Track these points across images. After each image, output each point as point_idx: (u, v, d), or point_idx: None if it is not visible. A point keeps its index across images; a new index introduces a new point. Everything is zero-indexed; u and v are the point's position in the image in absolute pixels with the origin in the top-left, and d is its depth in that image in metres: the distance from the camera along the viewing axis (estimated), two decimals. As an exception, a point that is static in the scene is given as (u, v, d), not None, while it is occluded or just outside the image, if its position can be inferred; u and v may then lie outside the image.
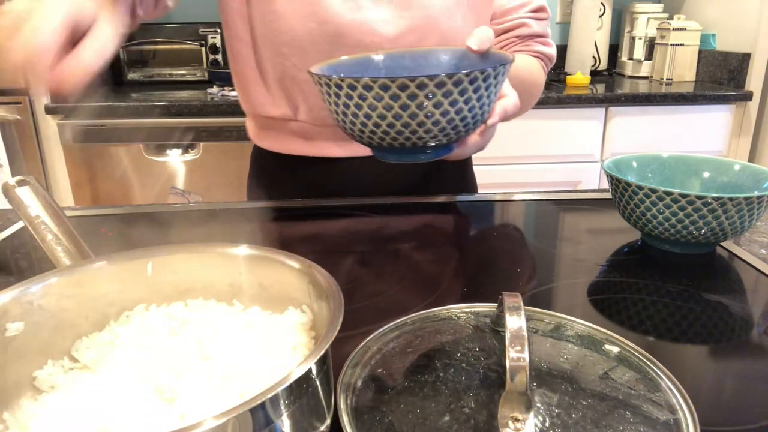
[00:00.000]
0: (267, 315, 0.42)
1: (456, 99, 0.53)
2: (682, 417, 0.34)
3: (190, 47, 2.17)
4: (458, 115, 0.54)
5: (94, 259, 0.41)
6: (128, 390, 0.34)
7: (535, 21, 0.83)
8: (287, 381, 0.28)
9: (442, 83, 0.52)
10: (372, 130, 0.56)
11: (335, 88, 0.55)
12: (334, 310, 0.34)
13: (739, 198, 0.57)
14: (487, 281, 0.60)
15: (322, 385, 0.32)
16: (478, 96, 0.54)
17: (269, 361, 0.36)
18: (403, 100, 0.52)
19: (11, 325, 0.36)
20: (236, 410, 0.26)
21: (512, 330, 0.34)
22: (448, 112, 0.54)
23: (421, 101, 0.52)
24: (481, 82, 0.53)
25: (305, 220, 0.77)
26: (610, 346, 0.41)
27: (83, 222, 0.77)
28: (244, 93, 0.84)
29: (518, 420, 0.31)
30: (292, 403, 0.29)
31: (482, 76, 0.53)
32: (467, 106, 0.54)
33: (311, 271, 0.40)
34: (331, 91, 0.56)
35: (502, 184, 1.85)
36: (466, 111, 0.55)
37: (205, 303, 0.43)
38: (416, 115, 0.53)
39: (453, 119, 0.55)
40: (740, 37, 2.00)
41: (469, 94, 0.54)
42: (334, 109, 0.57)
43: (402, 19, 0.73)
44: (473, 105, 0.55)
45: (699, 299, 0.54)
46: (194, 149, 1.85)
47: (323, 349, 0.30)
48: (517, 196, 0.85)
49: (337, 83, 0.54)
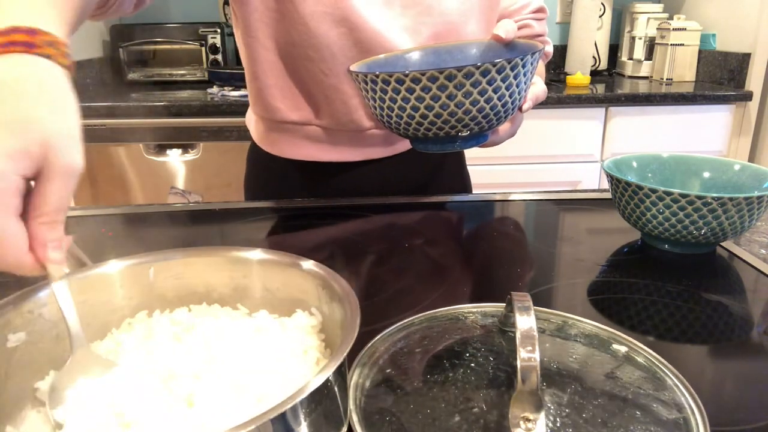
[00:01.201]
0: (275, 318, 0.41)
1: (485, 88, 0.56)
2: (691, 416, 0.34)
3: (190, 47, 2.17)
4: (488, 103, 0.57)
5: (94, 266, 0.41)
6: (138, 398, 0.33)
7: (536, 21, 0.86)
8: (307, 390, 0.28)
9: (470, 73, 0.54)
10: (407, 121, 0.59)
11: (371, 84, 0.59)
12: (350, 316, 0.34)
13: (739, 198, 0.57)
14: (488, 281, 0.60)
15: (340, 391, 0.32)
16: (507, 84, 0.57)
17: (282, 365, 0.35)
18: (434, 91, 0.55)
19: (13, 335, 0.35)
20: (257, 420, 0.26)
21: (522, 330, 0.34)
22: (478, 101, 0.56)
23: (451, 92, 0.55)
24: (509, 71, 0.56)
25: (306, 221, 0.77)
26: (617, 345, 0.41)
27: (83, 222, 0.77)
28: (259, 96, 0.82)
29: (529, 420, 0.31)
30: (312, 411, 0.29)
31: (509, 65, 0.56)
32: (496, 95, 0.57)
33: (322, 274, 0.40)
34: (368, 87, 0.60)
35: (501, 184, 1.85)
36: (496, 99, 0.57)
37: (208, 308, 0.42)
38: (447, 106, 0.56)
39: (483, 108, 0.57)
40: (740, 37, 2.00)
41: (498, 83, 0.56)
42: (372, 104, 0.62)
43: (424, 25, 0.75)
44: (503, 93, 0.57)
45: (699, 299, 0.54)
46: (194, 149, 1.85)
47: (342, 356, 0.30)
48: (517, 196, 0.85)
49: (372, 79, 0.58)
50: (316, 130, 0.82)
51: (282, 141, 0.85)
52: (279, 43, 0.76)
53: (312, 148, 0.83)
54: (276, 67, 0.78)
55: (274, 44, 0.76)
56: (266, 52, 0.77)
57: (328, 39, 0.72)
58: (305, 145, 0.83)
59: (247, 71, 0.82)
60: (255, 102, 0.85)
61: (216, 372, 0.35)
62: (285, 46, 0.75)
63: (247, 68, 0.82)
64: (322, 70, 0.75)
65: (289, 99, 0.80)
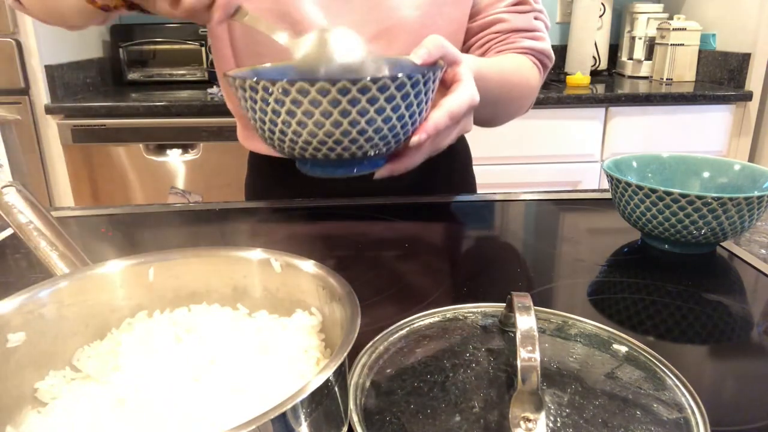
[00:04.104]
0: (275, 318, 0.41)
1: (382, 106, 0.49)
2: (692, 416, 0.34)
3: (190, 47, 2.17)
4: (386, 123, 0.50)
5: (94, 265, 0.41)
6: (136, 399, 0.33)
7: (515, 15, 0.78)
8: (307, 390, 0.28)
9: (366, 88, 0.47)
10: (292, 138, 0.50)
11: (250, 92, 0.50)
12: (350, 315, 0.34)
13: (739, 198, 0.57)
14: (488, 281, 0.60)
15: (340, 391, 0.32)
16: (408, 104, 0.50)
17: (283, 365, 0.35)
18: (325, 106, 0.47)
19: (12, 335, 0.35)
20: (257, 420, 0.26)
21: (523, 330, 0.34)
22: (375, 120, 0.49)
23: (344, 108, 0.48)
24: (410, 89, 0.49)
25: (305, 221, 0.77)
26: (617, 345, 0.41)
27: (83, 222, 0.77)
28: (228, 95, 0.85)
29: (529, 420, 0.31)
30: (313, 411, 0.29)
31: (410, 82, 0.48)
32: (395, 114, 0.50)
33: (322, 274, 0.40)
34: (246, 95, 0.50)
35: (502, 184, 1.85)
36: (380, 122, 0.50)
37: (208, 308, 0.42)
38: (340, 123, 0.48)
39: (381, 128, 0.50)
40: (740, 37, 2.00)
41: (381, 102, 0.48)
42: (252, 116, 0.52)
43: (372, 22, 0.73)
44: (402, 113, 0.50)
45: (699, 299, 0.54)
46: (194, 149, 1.85)
47: (342, 356, 0.30)
48: (517, 196, 0.85)
49: (251, 86, 0.49)
50: None
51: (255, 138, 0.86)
52: (233, 38, 0.77)
53: None
54: (236, 65, 0.79)
55: (229, 40, 0.77)
56: (226, 49, 0.78)
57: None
58: None
59: (216, 70, 0.84)
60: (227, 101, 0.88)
61: (216, 372, 0.35)
62: (238, 42, 0.77)
63: (216, 67, 0.84)
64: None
65: None
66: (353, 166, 0.54)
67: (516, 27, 0.78)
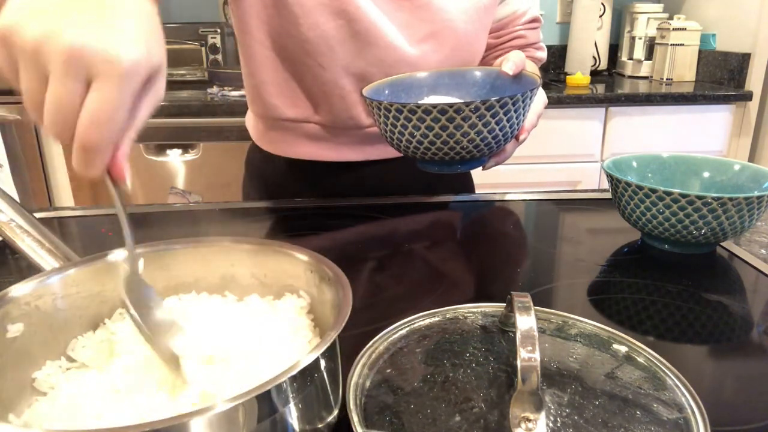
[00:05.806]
0: (266, 301, 0.42)
1: (488, 120, 0.63)
2: (691, 416, 0.34)
3: (190, 47, 2.17)
4: (491, 134, 0.64)
5: (86, 258, 0.41)
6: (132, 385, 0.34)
7: (530, 31, 0.88)
8: (295, 369, 0.28)
9: (477, 108, 0.61)
10: (415, 146, 0.66)
11: (384, 111, 0.65)
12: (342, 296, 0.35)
13: (739, 198, 0.57)
14: (488, 281, 0.60)
15: (330, 373, 0.32)
16: (508, 117, 0.65)
17: (274, 346, 0.36)
18: (443, 122, 0.62)
19: (12, 326, 0.36)
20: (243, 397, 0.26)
21: (523, 330, 0.34)
22: (482, 132, 0.63)
23: (458, 123, 0.62)
24: (511, 106, 0.63)
25: (306, 220, 0.77)
26: (617, 345, 0.41)
27: (83, 222, 0.77)
28: (256, 94, 0.82)
29: (530, 420, 0.31)
30: (299, 392, 0.29)
31: (512, 101, 0.62)
32: (498, 126, 0.64)
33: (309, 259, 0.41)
34: (381, 113, 0.66)
35: (502, 184, 1.85)
36: (498, 130, 0.64)
37: (197, 296, 0.43)
38: (453, 135, 0.63)
39: (486, 137, 0.64)
40: (740, 37, 2.00)
41: (500, 116, 0.63)
42: (384, 128, 0.68)
43: (421, 21, 0.75)
44: (504, 125, 0.64)
45: (699, 299, 0.54)
46: (194, 149, 1.85)
47: (332, 338, 0.30)
48: (517, 196, 0.85)
49: (386, 107, 0.64)
50: (314, 128, 0.82)
51: (281, 139, 0.84)
52: (274, 38, 0.75)
53: (311, 147, 0.83)
54: (272, 63, 0.77)
55: (269, 40, 0.76)
56: (262, 48, 0.77)
57: (325, 31, 0.71)
58: (304, 144, 0.83)
59: (243, 69, 0.82)
60: (253, 100, 0.85)
61: (208, 353, 0.36)
62: (281, 41, 0.75)
63: (243, 66, 0.82)
64: (320, 63, 0.74)
65: (286, 95, 0.80)
66: (464, 164, 0.69)
67: (531, 42, 0.89)
